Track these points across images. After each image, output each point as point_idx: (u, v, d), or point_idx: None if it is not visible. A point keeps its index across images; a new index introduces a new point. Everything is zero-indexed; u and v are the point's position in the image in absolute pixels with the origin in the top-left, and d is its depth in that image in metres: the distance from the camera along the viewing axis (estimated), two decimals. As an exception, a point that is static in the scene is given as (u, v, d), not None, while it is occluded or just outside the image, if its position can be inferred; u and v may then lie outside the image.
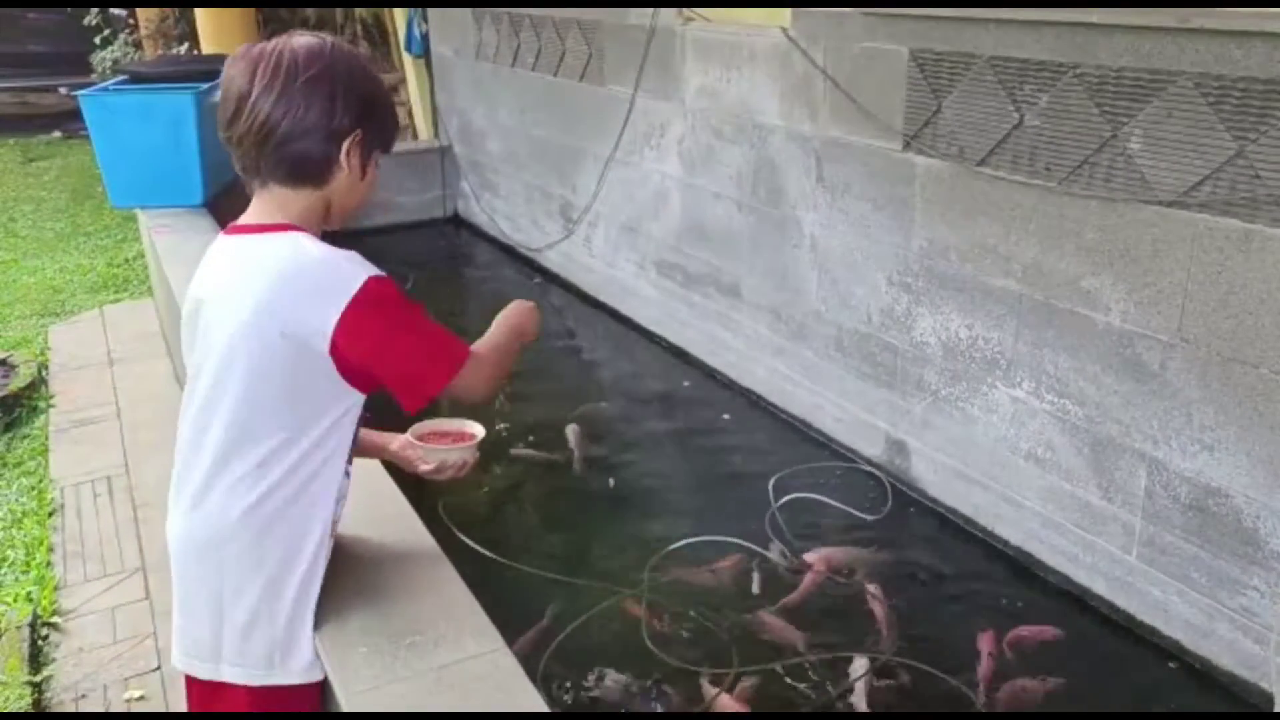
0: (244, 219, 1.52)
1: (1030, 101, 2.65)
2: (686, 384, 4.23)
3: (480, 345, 1.62)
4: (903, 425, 3.31)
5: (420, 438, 1.79)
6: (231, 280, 1.47)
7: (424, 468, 1.79)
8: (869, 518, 3.18)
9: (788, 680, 2.50)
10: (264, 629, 1.56)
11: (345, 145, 1.47)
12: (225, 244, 1.52)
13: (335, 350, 1.42)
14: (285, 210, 1.50)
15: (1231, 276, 2.28)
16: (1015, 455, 2.91)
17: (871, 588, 2.81)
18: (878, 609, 2.73)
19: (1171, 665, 2.55)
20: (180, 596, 1.60)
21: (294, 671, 1.58)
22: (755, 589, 2.84)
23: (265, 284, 1.43)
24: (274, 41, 1.46)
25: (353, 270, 1.43)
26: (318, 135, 1.44)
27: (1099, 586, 2.74)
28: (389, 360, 1.47)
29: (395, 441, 1.80)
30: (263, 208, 1.51)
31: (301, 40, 1.45)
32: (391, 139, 1.58)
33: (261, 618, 1.55)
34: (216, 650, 1.57)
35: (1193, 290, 2.36)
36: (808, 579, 2.85)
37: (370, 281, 1.43)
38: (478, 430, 1.81)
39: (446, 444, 1.78)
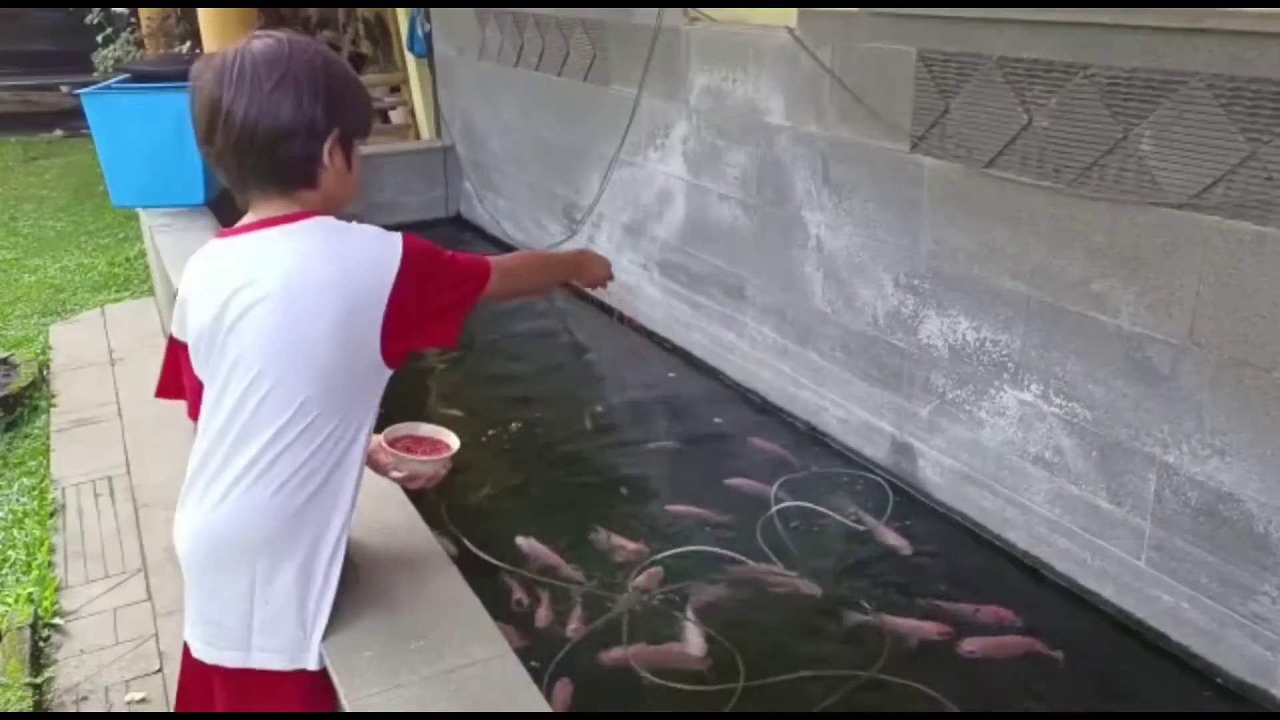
0: (252, 219, 1.50)
1: (1039, 102, 2.63)
2: (688, 385, 4.20)
3: (505, 258, 1.77)
4: (909, 428, 3.29)
5: (393, 442, 1.76)
6: (274, 268, 1.44)
7: (395, 474, 1.77)
8: (870, 521, 3.15)
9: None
10: (294, 613, 1.56)
11: (327, 144, 1.45)
12: (242, 241, 1.48)
13: (388, 314, 1.45)
14: (290, 210, 1.49)
15: (1244, 280, 2.26)
16: (1023, 459, 2.89)
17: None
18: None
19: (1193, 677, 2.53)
20: (205, 591, 1.58)
21: (318, 655, 1.58)
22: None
23: (313, 266, 1.43)
24: (231, 48, 1.43)
25: (390, 235, 1.50)
26: (298, 138, 1.43)
27: (1107, 591, 2.72)
28: (430, 304, 1.54)
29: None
30: (268, 211, 1.48)
31: (259, 43, 1.43)
32: (368, 124, 1.58)
33: (292, 602, 1.55)
34: (246, 640, 1.56)
35: (1204, 293, 2.35)
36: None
37: (407, 239, 1.50)
38: (453, 442, 1.79)
39: (420, 453, 1.76)
